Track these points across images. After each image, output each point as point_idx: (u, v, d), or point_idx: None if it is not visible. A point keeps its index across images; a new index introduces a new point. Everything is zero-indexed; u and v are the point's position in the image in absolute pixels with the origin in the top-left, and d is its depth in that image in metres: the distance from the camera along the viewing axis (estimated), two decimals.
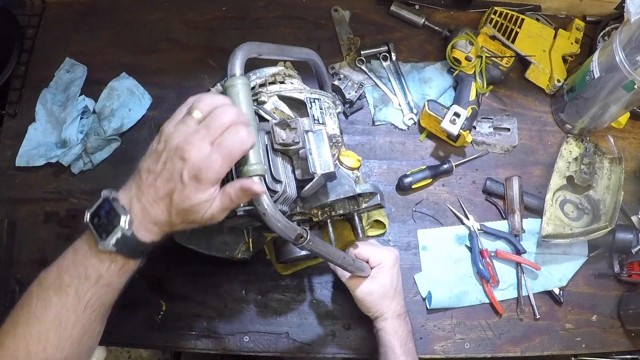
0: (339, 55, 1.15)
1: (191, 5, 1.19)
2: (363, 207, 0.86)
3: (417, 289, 1.00)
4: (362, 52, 1.14)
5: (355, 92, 1.10)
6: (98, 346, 1.32)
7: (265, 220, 0.64)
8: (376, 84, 1.13)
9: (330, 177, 0.76)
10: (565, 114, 1.09)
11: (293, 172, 0.75)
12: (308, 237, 0.68)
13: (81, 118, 1.08)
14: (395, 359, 0.83)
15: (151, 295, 0.99)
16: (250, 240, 0.88)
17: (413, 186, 1.04)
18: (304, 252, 0.85)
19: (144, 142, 1.09)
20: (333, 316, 0.99)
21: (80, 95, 1.09)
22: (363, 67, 1.13)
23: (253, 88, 0.83)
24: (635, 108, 1.08)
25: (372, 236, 1.02)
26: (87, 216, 0.62)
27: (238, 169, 0.63)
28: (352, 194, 0.82)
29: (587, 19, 1.18)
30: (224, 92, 0.65)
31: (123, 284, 0.65)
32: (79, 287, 0.61)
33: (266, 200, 0.63)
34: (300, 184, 0.75)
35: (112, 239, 0.59)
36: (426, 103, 1.04)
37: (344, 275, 0.89)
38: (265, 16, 1.18)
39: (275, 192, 0.70)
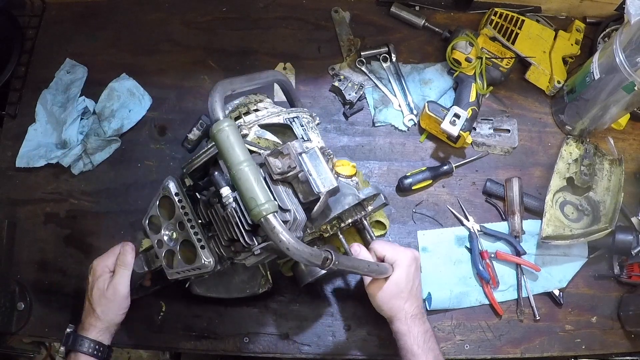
0: (339, 56, 1.16)
1: (191, 6, 1.19)
2: (370, 210, 0.86)
3: None
4: (362, 53, 1.14)
5: (356, 93, 1.11)
6: None
7: (290, 255, 0.63)
8: (376, 85, 1.13)
9: (334, 191, 0.75)
10: (565, 115, 1.09)
11: (296, 196, 0.74)
12: (334, 259, 0.68)
13: (81, 119, 1.08)
14: None
15: (151, 296, 0.99)
16: (268, 272, 0.89)
17: (413, 187, 1.04)
18: (325, 272, 0.84)
19: (143, 143, 1.09)
20: (333, 317, 0.99)
21: (80, 96, 1.10)
22: (363, 68, 1.13)
23: None
24: (635, 109, 1.08)
25: None
26: None
27: (248, 212, 0.63)
28: (357, 202, 0.82)
29: (587, 20, 1.18)
30: (213, 138, 0.65)
31: None
32: None
33: (285, 236, 0.62)
34: (306, 206, 0.75)
35: None
36: (426, 104, 1.04)
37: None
38: (265, 17, 1.18)
39: (286, 221, 0.69)
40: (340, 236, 0.87)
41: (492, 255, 1.01)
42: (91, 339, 0.83)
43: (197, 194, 0.79)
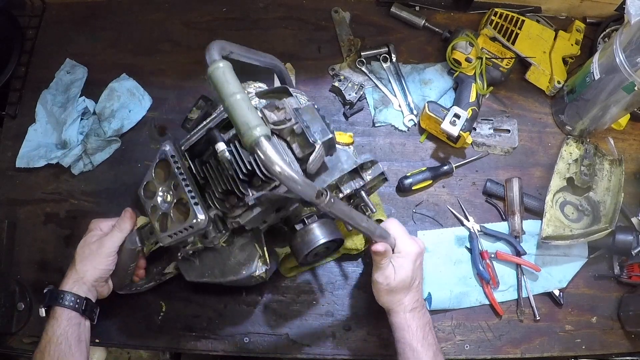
0: (339, 56, 1.16)
1: (191, 7, 1.19)
2: (368, 179, 0.85)
3: None
4: (362, 54, 1.14)
5: (356, 93, 1.11)
6: (98, 347, 1.33)
7: (282, 180, 0.60)
8: (376, 86, 1.13)
9: (330, 145, 0.74)
10: (565, 115, 1.09)
11: (292, 152, 0.73)
12: (329, 195, 0.64)
13: (81, 119, 1.08)
14: (417, 357, 0.79)
15: (151, 296, 0.99)
16: (265, 251, 0.85)
17: (413, 187, 1.04)
18: (324, 240, 0.79)
19: (143, 143, 1.09)
20: (333, 317, 0.99)
21: (80, 96, 1.10)
22: (363, 69, 1.13)
23: None
24: (635, 110, 1.08)
25: None
26: None
27: (241, 138, 0.61)
28: (354, 166, 0.81)
29: (588, 20, 1.18)
30: (210, 78, 0.64)
31: None
32: None
33: (278, 160, 0.59)
34: (302, 164, 0.73)
35: None
36: (426, 104, 1.04)
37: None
38: (265, 17, 1.18)
39: None
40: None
41: (492, 256, 1.01)
42: (67, 291, 0.81)
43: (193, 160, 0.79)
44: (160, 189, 0.81)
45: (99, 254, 0.83)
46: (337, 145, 0.84)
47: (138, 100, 1.10)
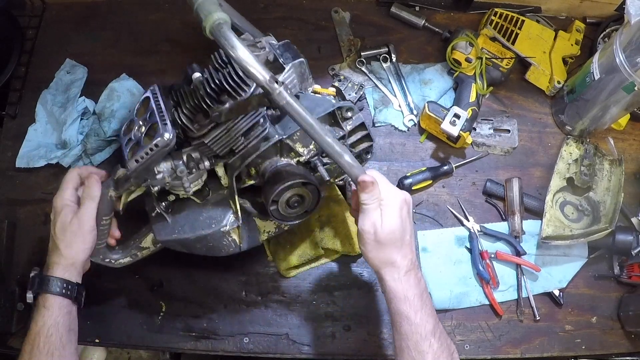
0: (339, 56, 1.16)
1: (191, 7, 1.19)
2: (348, 128, 0.84)
3: None
4: (362, 54, 1.14)
5: (356, 93, 1.11)
6: (98, 347, 1.33)
7: (238, 61, 0.61)
8: (376, 86, 1.13)
9: (303, 73, 0.80)
10: (565, 115, 1.09)
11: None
12: (283, 86, 0.63)
13: (81, 119, 1.08)
14: (415, 331, 0.71)
15: (151, 296, 0.99)
16: (239, 208, 0.82)
17: (413, 187, 1.04)
18: (291, 181, 0.76)
19: None
20: (333, 317, 0.99)
21: (80, 96, 1.09)
22: (363, 69, 1.13)
23: None
24: (635, 110, 1.08)
25: None
26: None
27: (202, 26, 0.62)
28: (332, 108, 0.81)
29: (588, 20, 1.18)
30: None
31: None
32: None
33: (235, 43, 0.60)
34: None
35: None
36: (426, 104, 1.04)
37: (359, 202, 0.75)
38: (265, 17, 1.18)
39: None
40: (320, 167, 0.83)
41: (492, 256, 1.01)
42: (57, 277, 0.78)
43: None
44: (137, 122, 0.80)
45: (81, 233, 0.79)
46: (318, 95, 0.86)
47: (138, 100, 1.10)
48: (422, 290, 0.73)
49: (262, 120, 0.78)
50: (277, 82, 0.63)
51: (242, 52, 0.61)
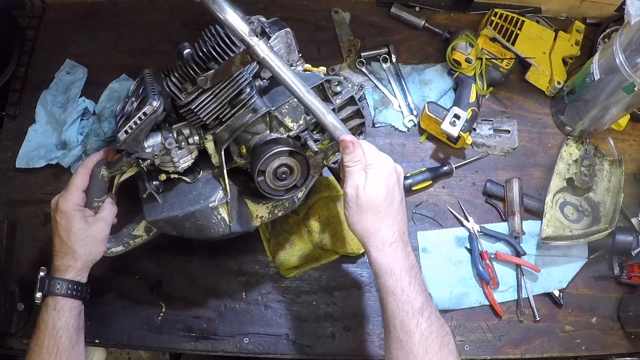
0: (339, 57, 1.16)
1: (191, 7, 1.19)
2: (338, 102, 0.83)
3: None
4: (362, 54, 1.14)
5: (356, 94, 1.10)
6: (98, 348, 1.33)
7: (215, 13, 0.64)
8: (376, 86, 1.13)
9: (289, 43, 0.81)
10: (565, 116, 1.09)
11: None
12: (263, 40, 0.64)
13: (81, 119, 1.08)
14: (401, 308, 0.67)
15: (151, 296, 0.99)
16: (227, 185, 0.81)
17: (413, 188, 1.04)
18: (279, 149, 0.75)
19: None
20: (333, 318, 0.99)
21: (80, 96, 1.09)
22: (363, 69, 1.14)
23: None
24: (635, 110, 1.08)
25: None
26: None
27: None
28: (320, 81, 0.81)
29: (588, 21, 1.18)
30: None
31: None
32: None
33: None
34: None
35: None
36: (426, 105, 1.04)
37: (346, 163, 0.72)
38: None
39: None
40: (310, 142, 0.83)
41: (492, 256, 1.01)
42: (69, 280, 0.80)
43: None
44: (130, 100, 0.81)
45: (101, 237, 0.82)
46: (309, 72, 0.86)
47: None
48: (410, 265, 0.69)
49: (248, 89, 0.78)
50: (257, 36, 0.65)
51: (224, 5, 0.64)
